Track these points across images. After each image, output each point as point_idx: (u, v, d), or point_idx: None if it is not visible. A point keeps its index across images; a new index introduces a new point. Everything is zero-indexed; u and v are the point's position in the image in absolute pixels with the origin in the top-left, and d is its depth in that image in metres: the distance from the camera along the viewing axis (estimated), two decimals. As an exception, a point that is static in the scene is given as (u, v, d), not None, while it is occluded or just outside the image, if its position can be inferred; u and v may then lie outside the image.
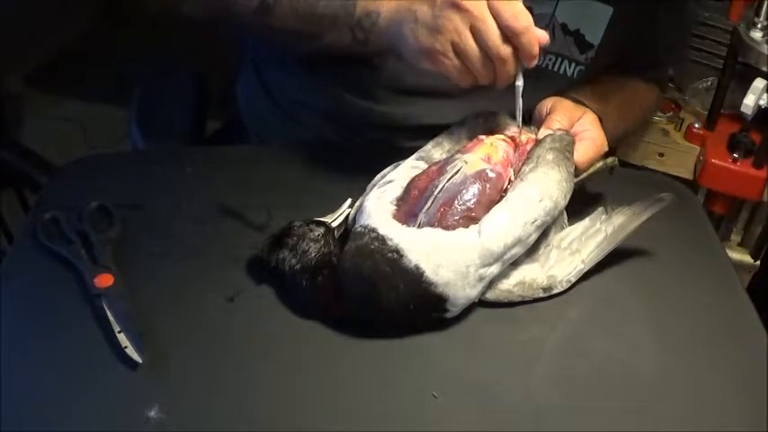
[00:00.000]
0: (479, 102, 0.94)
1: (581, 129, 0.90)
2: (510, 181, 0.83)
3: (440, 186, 0.79)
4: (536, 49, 0.80)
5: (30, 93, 2.41)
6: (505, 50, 0.79)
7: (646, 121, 1.13)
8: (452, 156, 0.84)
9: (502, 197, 0.81)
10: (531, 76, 0.85)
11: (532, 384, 0.75)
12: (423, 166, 0.86)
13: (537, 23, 0.81)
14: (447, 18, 0.79)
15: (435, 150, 0.88)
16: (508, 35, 0.79)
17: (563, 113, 0.91)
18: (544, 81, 1.01)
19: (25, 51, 2.43)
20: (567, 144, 0.85)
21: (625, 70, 1.10)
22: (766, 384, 0.75)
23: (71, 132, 2.32)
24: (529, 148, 0.86)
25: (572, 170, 0.84)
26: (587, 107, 0.96)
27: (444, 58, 0.81)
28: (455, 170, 0.80)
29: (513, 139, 0.87)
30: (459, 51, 0.80)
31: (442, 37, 0.80)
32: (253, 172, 0.98)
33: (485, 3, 0.78)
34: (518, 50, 0.79)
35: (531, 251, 0.82)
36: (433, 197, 0.78)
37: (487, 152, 0.83)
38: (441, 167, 0.82)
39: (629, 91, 1.10)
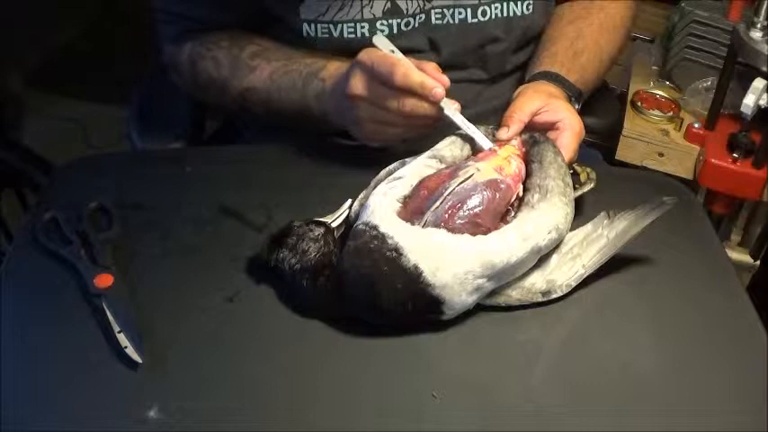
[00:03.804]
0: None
1: (555, 118, 0.92)
2: (518, 196, 0.83)
3: (450, 188, 0.79)
4: (426, 86, 0.86)
5: (30, 93, 2.41)
6: (407, 105, 0.87)
7: (627, 36, 1.17)
8: (465, 162, 0.84)
9: (508, 210, 0.82)
10: (488, 29, 1.03)
11: (532, 384, 0.75)
12: (435, 164, 0.85)
13: None
14: (356, 111, 0.91)
15: (447, 150, 0.88)
16: (400, 89, 0.87)
17: (535, 103, 0.93)
18: (499, 28, 1.07)
19: (25, 51, 2.43)
20: (566, 170, 0.86)
21: None
22: (766, 384, 0.75)
23: (71, 132, 2.32)
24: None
25: (572, 197, 0.85)
26: (560, 85, 1.00)
27: (379, 135, 0.93)
28: (467, 175, 0.80)
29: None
30: (383, 124, 0.91)
31: (364, 125, 0.92)
32: (253, 172, 0.98)
33: (365, 80, 0.88)
34: (417, 93, 0.87)
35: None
36: (442, 198, 0.78)
37: (500, 164, 0.83)
38: (452, 171, 0.82)
39: (595, 24, 1.11)
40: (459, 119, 0.89)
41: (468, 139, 0.89)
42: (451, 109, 0.89)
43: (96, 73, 2.44)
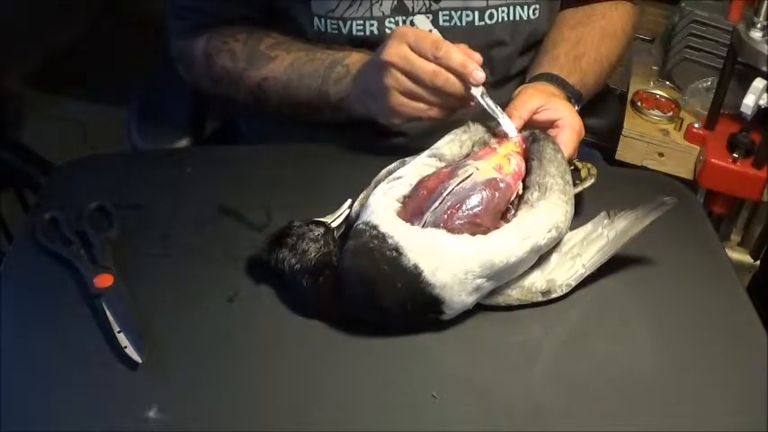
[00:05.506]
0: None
1: (556, 116, 0.92)
2: (518, 194, 0.83)
3: (449, 189, 0.79)
4: (468, 66, 0.88)
5: (30, 93, 2.41)
6: (439, 78, 0.89)
7: (628, 43, 1.18)
8: (464, 161, 0.84)
9: (509, 209, 0.82)
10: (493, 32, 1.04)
11: (532, 384, 0.75)
12: (434, 162, 0.85)
13: None
14: (385, 77, 0.91)
15: (446, 148, 0.87)
16: (438, 64, 0.89)
17: (535, 101, 0.93)
18: (505, 32, 1.08)
19: (25, 51, 2.43)
20: (566, 168, 0.86)
21: None
22: (766, 384, 0.75)
23: (71, 132, 2.32)
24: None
25: (572, 194, 0.85)
26: (560, 87, 1.01)
27: (403, 108, 0.92)
28: (466, 175, 0.80)
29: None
30: (410, 97, 0.91)
31: (390, 94, 0.91)
32: (253, 172, 0.98)
33: (405, 48, 0.89)
34: (456, 71, 0.89)
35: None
36: (441, 198, 0.78)
37: (499, 162, 0.83)
38: (452, 171, 0.81)
39: (597, 29, 1.11)
40: (485, 101, 0.90)
41: (469, 135, 0.89)
42: (479, 90, 0.90)
43: (96, 73, 2.44)
